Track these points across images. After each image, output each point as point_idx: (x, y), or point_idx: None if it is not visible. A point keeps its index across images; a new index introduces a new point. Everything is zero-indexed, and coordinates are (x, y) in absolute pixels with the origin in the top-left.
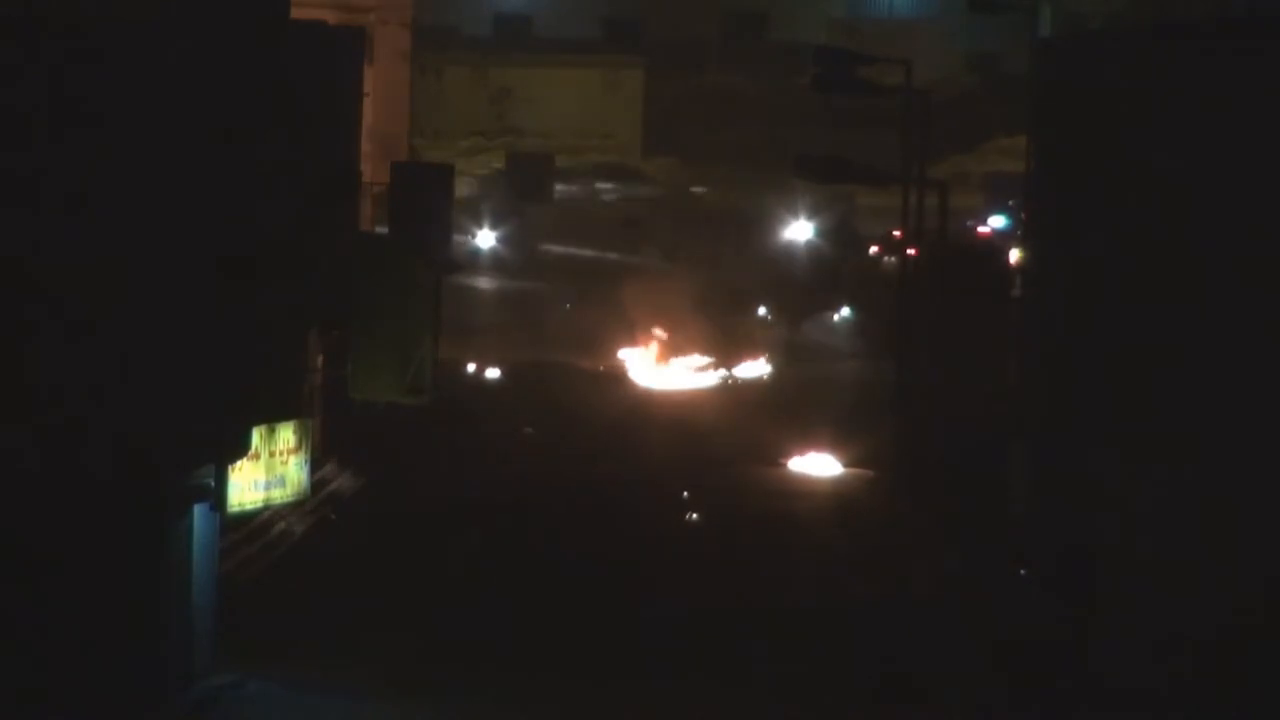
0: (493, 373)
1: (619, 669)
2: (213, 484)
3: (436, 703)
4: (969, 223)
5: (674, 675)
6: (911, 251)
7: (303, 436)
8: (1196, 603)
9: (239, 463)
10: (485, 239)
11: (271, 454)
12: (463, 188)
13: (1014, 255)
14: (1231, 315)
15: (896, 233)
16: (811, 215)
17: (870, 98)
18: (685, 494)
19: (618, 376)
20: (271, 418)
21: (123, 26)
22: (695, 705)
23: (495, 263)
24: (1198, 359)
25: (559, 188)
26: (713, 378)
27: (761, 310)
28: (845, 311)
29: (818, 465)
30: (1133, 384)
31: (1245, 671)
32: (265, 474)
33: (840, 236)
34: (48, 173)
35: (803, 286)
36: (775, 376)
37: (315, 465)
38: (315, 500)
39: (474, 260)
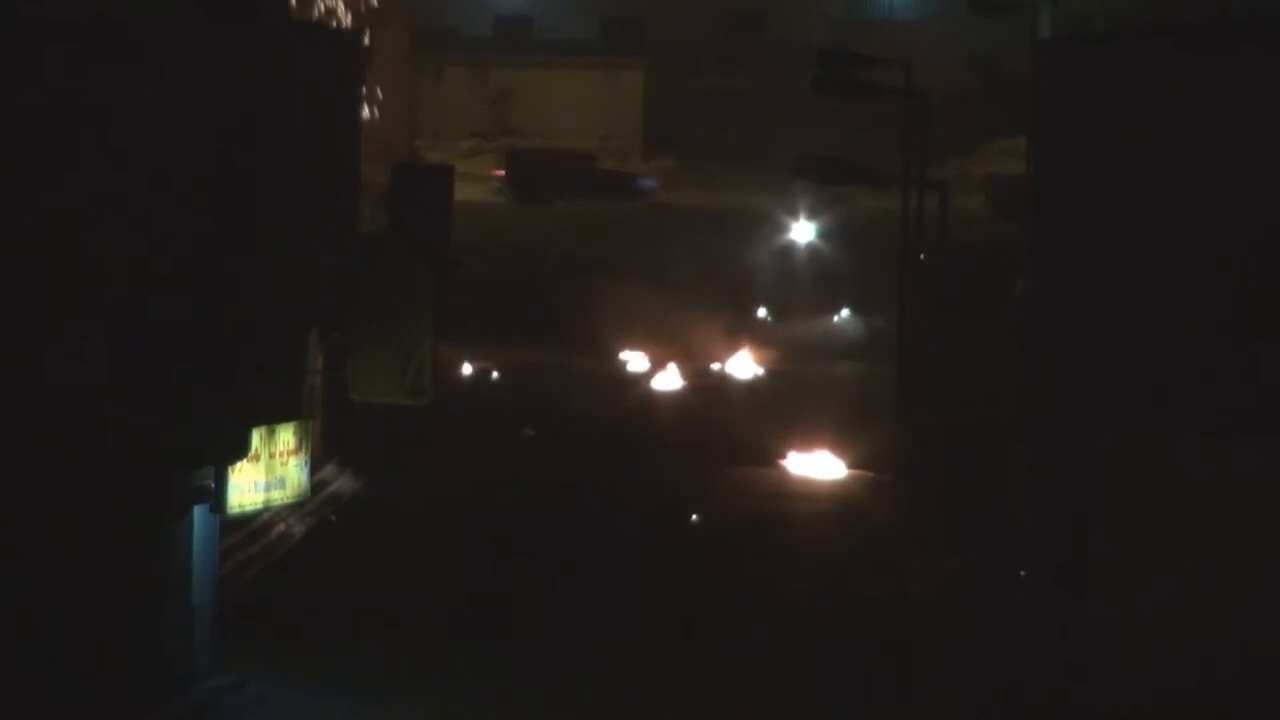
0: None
1: (618, 669)
2: (212, 485)
3: (437, 704)
4: None
5: (673, 677)
6: None
7: (303, 438)
8: (1195, 605)
9: (239, 464)
10: None
11: (271, 455)
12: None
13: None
14: (1232, 313)
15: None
16: (811, 216)
17: (870, 99)
18: (685, 495)
19: (618, 377)
20: (272, 419)
21: (121, 27)
22: (694, 707)
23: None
24: (1198, 356)
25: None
26: (717, 380)
27: (761, 311)
28: (845, 313)
29: (819, 466)
30: (1133, 382)
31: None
32: (265, 475)
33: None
34: (47, 172)
35: (804, 287)
36: (775, 377)
37: (315, 466)
38: (315, 501)
39: None
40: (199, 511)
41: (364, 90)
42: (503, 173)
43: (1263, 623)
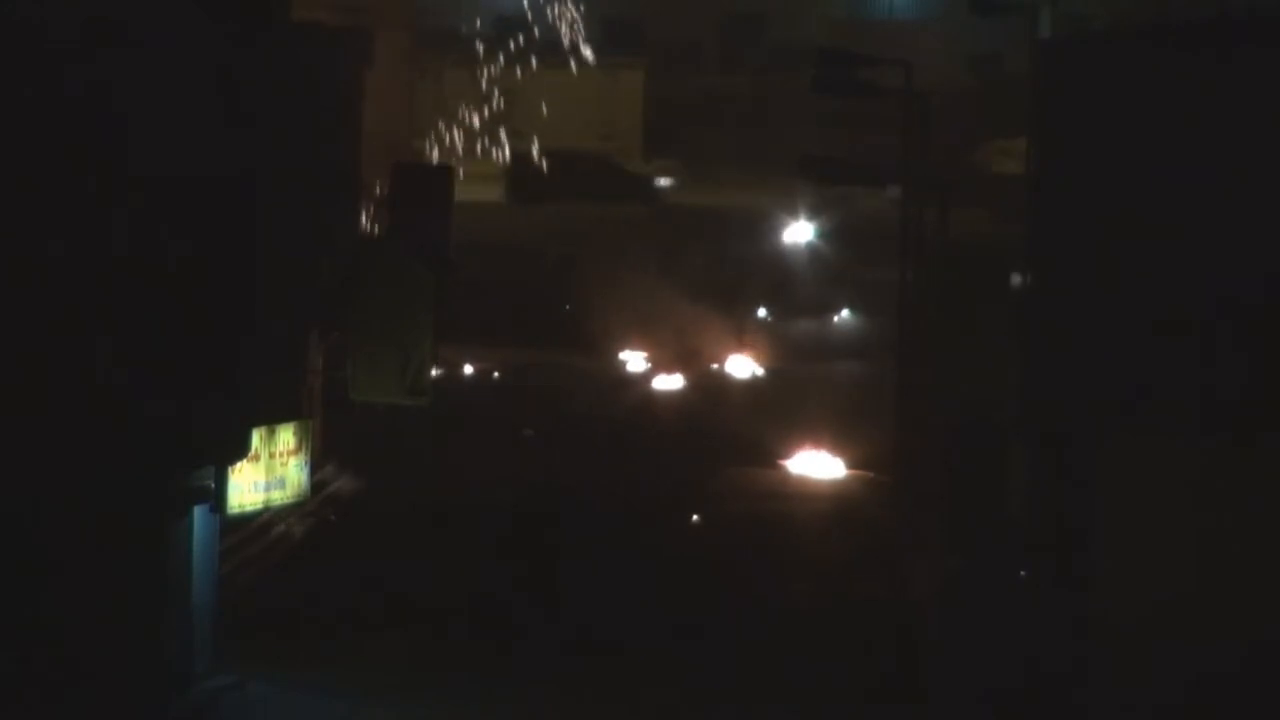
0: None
1: (618, 668)
2: (212, 485)
3: (437, 703)
4: None
5: (673, 676)
6: None
7: (303, 438)
8: (1195, 605)
9: (239, 464)
10: None
11: (271, 455)
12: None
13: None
14: (1232, 312)
15: None
16: (811, 216)
17: (870, 99)
18: (685, 495)
19: (618, 377)
20: (272, 419)
21: (121, 27)
22: (694, 706)
23: None
24: (1199, 356)
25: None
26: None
27: (761, 311)
28: (845, 312)
29: (819, 466)
30: (1133, 382)
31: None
32: (265, 475)
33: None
34: (50, 171)
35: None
36: (775, 377)
37: (315, 466)
38: (315, 501)
39: None
40: (199, 511)
41: (364, 91)
42: None
43: (1263, 623)
